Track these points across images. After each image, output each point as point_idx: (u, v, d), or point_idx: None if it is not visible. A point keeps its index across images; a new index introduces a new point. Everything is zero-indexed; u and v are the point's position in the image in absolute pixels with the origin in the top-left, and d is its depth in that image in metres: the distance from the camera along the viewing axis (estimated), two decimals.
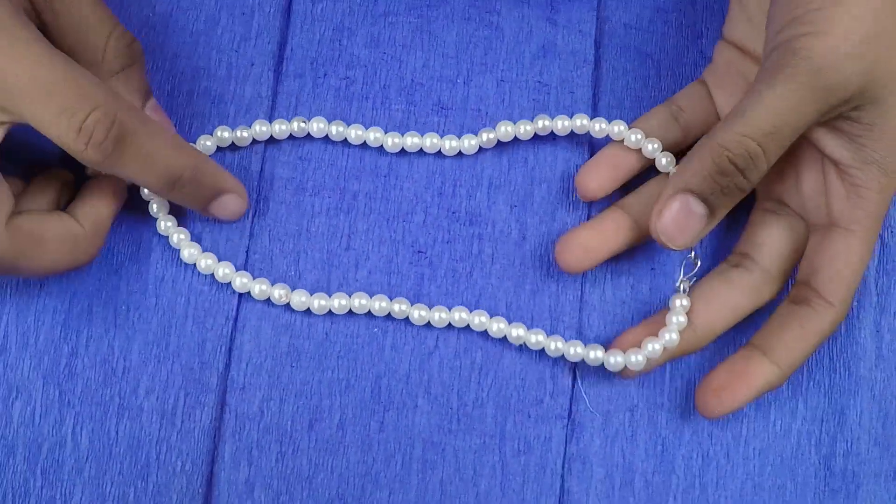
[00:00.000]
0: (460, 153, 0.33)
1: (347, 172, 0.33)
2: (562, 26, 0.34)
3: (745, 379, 0.30)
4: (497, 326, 0.31)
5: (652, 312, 0.33)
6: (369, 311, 0.32)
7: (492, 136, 0.33)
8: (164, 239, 0.32)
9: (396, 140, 0.33)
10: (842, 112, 0.28)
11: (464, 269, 0.33)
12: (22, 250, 0.28)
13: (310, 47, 0.34)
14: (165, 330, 0.32)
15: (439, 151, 0.33)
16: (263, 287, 0.31)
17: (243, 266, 0.32)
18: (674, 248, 0.29)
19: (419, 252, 0.33)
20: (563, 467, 0.31)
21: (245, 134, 0.33)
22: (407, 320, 0.32)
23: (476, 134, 0.33)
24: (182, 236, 0.32)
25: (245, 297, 0.32)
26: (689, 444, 0.32)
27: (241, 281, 0.31)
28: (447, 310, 0.32)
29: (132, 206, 0.32)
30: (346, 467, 0.31)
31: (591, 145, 0.34)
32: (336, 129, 0.33)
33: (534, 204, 0.33)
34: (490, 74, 0.34)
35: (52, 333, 0.31)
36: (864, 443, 0.32)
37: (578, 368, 0.32)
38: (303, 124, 0.33)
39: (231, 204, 0.31)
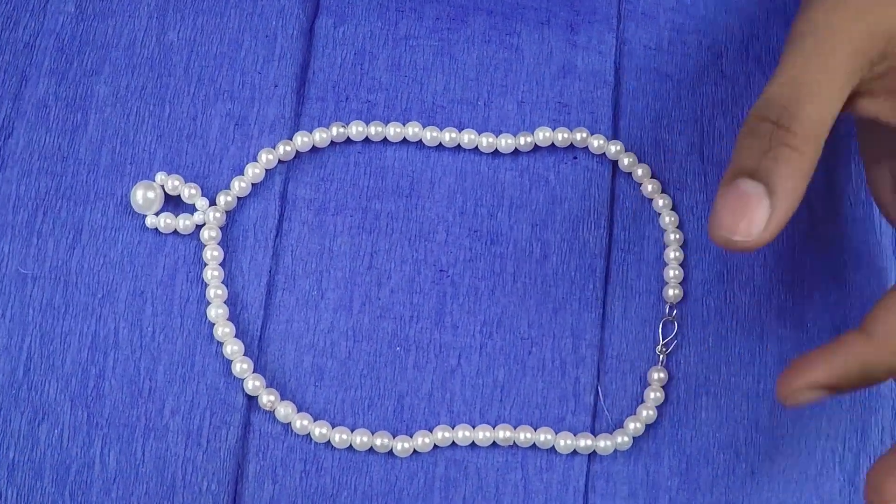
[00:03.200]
0: (493, 155, 0.34)
1: (369, 192, 0.33)
2: (581, 47, 0.35)
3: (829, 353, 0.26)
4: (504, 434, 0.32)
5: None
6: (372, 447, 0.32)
7: (529, 139, 0.33)
8: (189, 260, 0.33)
9: (435, 134, 0.33)
10: (877, 71, 0.26)
11: (486, 287, 0.33)
12: None
13: (332, 71, 0.34)
14: (191, 350, 0.32)
15: (476, 148, 0.33)
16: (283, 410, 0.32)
17: (266, 286, 0.33)
18: (740, 241, 0.25)
19: (441, 271, 0.33)
20: (586, 485, 0.32)
21: (305, 139, 0.33)
22: (429, 345, 0.32)
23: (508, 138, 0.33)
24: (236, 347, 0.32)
25: (269, 317, 0.32)
26: (715, 462, 0.32)
27: (268, 399, 0.32)
28: (448, 429, 0.32)
29: (155, 229, 0.33)
30: (369, 485, 0.31)
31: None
32: (375, 130, 0.33)
33: (555, 223, 0.33)
34: (510, 96, 0.34)
35: (78, 356, 0.32)
36: None
37: (601, 387, 0.32)
38: (342, 129, 0.33)
39: None
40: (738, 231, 0.25)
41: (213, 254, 0.32)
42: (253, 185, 0.33)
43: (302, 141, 0.33)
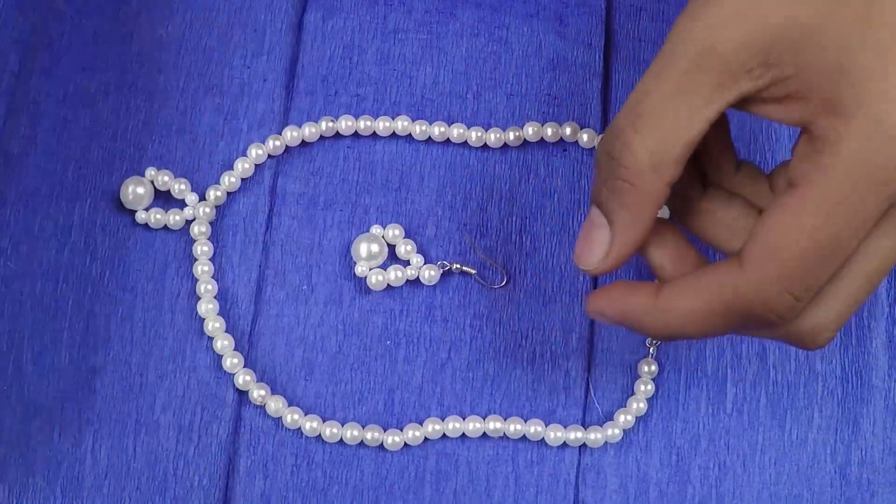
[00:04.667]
0: (483, 149, 0.34)
1: (359, 186, 0.33)
2: (571, 39, 0.34)
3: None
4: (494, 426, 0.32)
5: None
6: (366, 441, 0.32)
7: (518, 134, 0.33)
8: (179, 256, 0.33)
9: (424, 128, 0.33)
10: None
11: (475, 281, 0.33)
12: None
13: (321, 65, 0.34)
14: (181, 345, 0.32)
15: (465, 142, 0.33)
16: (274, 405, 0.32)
17: (256, 280, 0.33)
18: (583, 268, 0.26)
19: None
20: (576, 478, 0.32)
21: (295, 134, 0.33)
22: (420, 339, 0.32)
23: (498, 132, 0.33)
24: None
25: (259, 312, 0.32)
26: (706, 454, 0.32)
27: (259, 394, 0.32)
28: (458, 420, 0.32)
29: (145, 224, 0.33)
30: (360, 479, 0.32)
31: None
32: (364, 124, 0.33)
33: (545, 216, 0.33)
34: (500, 89, 0.34)
35: (70, 352, 0.32)
36: (878, 451, 0.32)
37: (591, 379, 0.32)
38: (331, 123, 0.33)
39: None
40: (580, 259, 0.26)
41: (203, 249, 0.32)
42: (242, 179, 0.33)
43: (291, 135, 0.33)
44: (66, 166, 0.33)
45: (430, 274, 0.32)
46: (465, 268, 0.32)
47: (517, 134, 0.33)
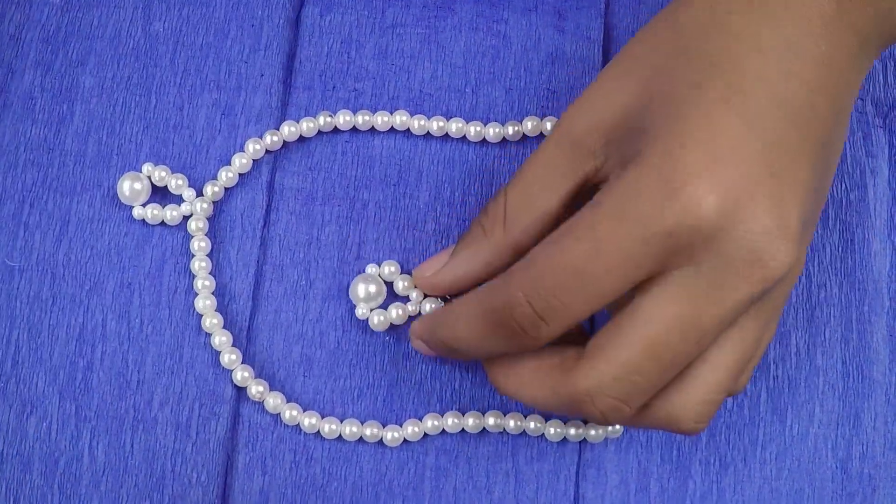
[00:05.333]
0: (481, 144, 0.33)
1: (357, 182, 0.33)
2: (569, 33, 0.34)
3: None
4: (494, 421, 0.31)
5: None
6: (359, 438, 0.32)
7: (517, 129, 0.33)
8: (177, 251, 0.32)
9: (422, 123, 0.33)
10: None
11: None
12: None
13: (318, 60, 0.34)
14: (179, 342, 0.32)
15: (464, 137, 0.33)
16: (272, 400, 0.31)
17: (254, 276, 0.32)
18: (413, 279, 0.31)
19: (426, 257, 0.33)
20: (577, 473, 0.31)
21: (293, 129, 0.33)
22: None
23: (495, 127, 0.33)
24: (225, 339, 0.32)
25: (257, 307, 0.32)
26: (706, 449, 0.32)
27: (257, 390, 0.31)
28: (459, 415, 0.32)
29: (142, 220, 0.32)
30: (359, 476, 0.31)
31: None
32: (362, 119, 0.33)
33: None
34: (498, 83, 0.34)
35: (66, 348, 0.32)
36: (879, 446, 0.32)
37: None
38: (329, 118, 0.33)
39: None
40: (414, 272, 0.31)
41: (200, 244, 0.32)
42: (240, 175, 0.33)
43: (289, 130, 0.33)
44: (63, 162, 0.33)
45: (431, 307, 0.32)
46: None
47: (516, 129, 0.33)
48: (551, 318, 0.25)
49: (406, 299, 0.32)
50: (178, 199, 0.33)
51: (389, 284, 0.32)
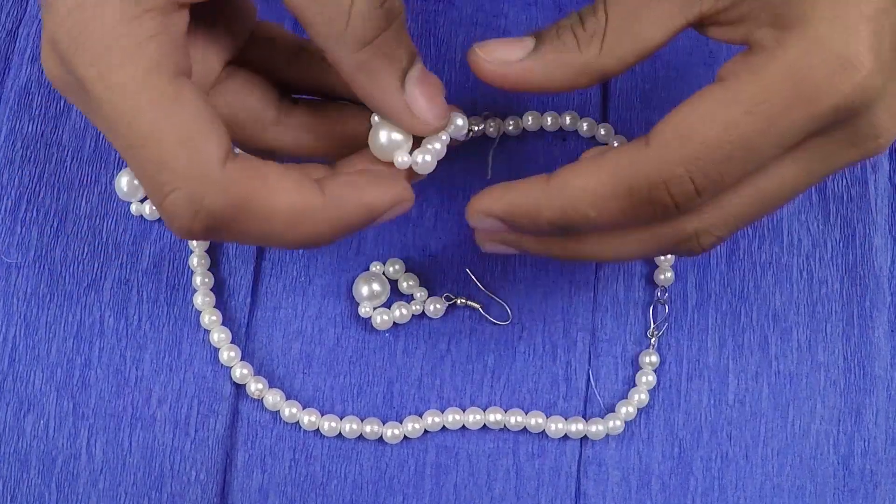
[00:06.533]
0: (482, 139, 0.33)
1: None
2: None
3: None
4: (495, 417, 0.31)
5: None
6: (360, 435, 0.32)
7: (518, 123, 0.33)
8: (174, 250, 0.32)
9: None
10: None
11: (475, 271, 0.33)
12: (242, 197, 0.23)
13: None
14: (177, 339, 0.32)
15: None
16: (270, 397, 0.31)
17: (253, 272, 0.32)
18: (482, 61, 0.26)
19: (430, 256, 0.33)
20: (578, 470, 0.31)
21: None
22: (419, 330, 0.32)
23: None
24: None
25: (256, 304, 0.32)
26: (708, 446, 0.32)
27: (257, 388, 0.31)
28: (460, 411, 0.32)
29: (140, 216, 0.32)
30: (359, 473, 0.31)
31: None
32: None
33: None
34: None
35: (64, 345, 0.31)
36: (880, 442, 0.32)
37: (592, 371, 0.32)
38: None
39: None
40: (487, 52, 0.26)
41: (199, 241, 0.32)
42: None
43: None
44: (61, 158, 0.33)
45: (435, 307, 0.32)
46: (470, 302, 0.32)
47: (516, 123, 0.33)
48: (708, 191, 0.24)
49: (409, 298, 0.32)
50: None
51: (393, 283, 0.32)
